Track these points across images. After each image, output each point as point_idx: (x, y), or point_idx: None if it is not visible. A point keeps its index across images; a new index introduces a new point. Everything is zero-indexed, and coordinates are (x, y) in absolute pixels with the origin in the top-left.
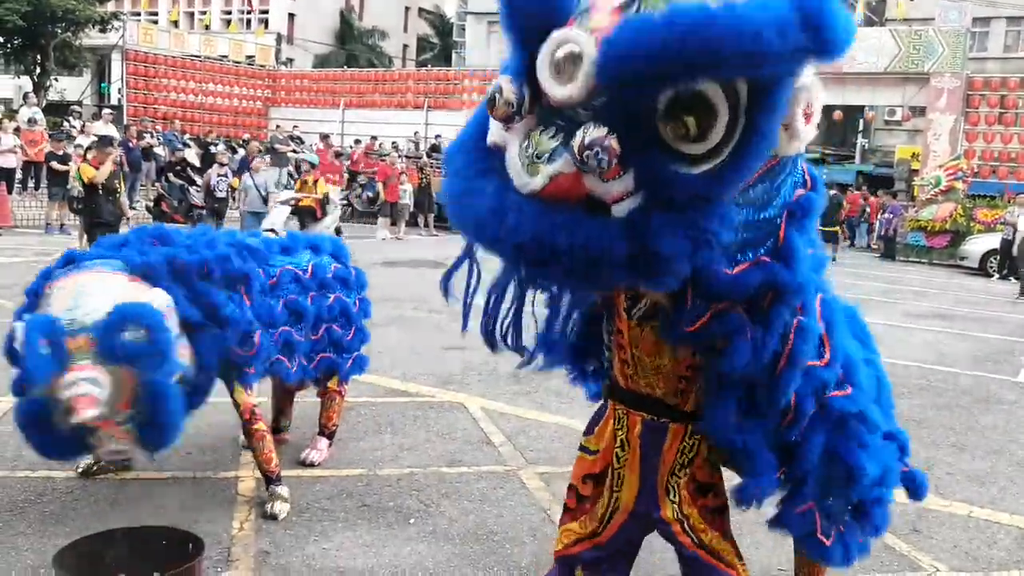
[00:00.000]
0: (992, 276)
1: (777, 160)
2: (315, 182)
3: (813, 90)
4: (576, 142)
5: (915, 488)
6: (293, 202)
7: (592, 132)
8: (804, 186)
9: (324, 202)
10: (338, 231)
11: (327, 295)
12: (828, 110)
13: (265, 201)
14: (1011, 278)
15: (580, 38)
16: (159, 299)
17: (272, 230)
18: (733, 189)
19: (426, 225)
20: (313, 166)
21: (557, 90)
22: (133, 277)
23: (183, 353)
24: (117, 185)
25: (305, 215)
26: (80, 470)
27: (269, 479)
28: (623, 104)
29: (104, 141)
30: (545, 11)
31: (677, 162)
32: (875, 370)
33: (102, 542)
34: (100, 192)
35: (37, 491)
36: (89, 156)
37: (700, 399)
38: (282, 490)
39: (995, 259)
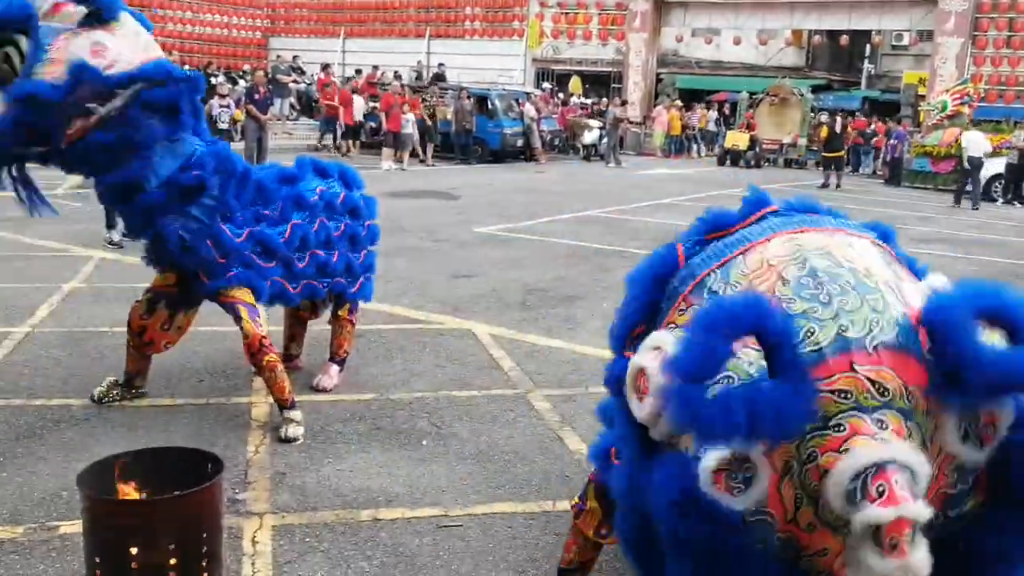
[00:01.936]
0: (996, 201)
1: None
2: None
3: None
4: None
5: None
6: None
7: None
8: None
9: None
10: None
11: (337, 222)
12: (835, 35)
13: None
14: (1015, 202)
15: None
16: None
17: None
18: None
19: (422, 159)
20: None
21: None
22: None
23: None
24: None
25: None
26: (95, 398)
27: (283, 406)
28: None
29: None
30: None
31: None
32: None
33: (123, 463)
34: None
35: (54, 418)
36: None
37: None
38: (296, 414)
39: (1000, 184)
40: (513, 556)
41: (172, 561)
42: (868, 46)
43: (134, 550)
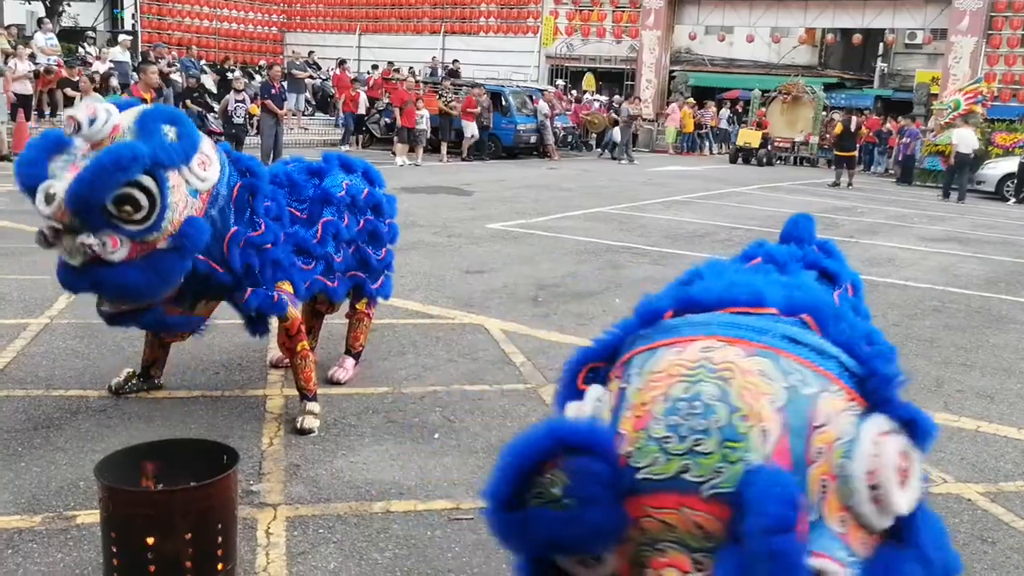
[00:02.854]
0: (1008, 200)
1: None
2: None
3: None
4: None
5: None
6: None
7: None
8: None
9: None
10: None
11: (359, 217)
12: (848, 33)
13: None
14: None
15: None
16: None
17: None
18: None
19: (437, 152)
20: None
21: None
22: None
23: None
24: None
25: None
26: (112, 389)
27: (305, 396)
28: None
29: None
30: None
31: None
32: None
33: (140, 454)
34: None
35: (71, 409)
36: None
37: None
38: (315, 407)
39: (1012, 183)
40: None
41: (188, 551)
42: (881, 45)
43: (150, 540)
